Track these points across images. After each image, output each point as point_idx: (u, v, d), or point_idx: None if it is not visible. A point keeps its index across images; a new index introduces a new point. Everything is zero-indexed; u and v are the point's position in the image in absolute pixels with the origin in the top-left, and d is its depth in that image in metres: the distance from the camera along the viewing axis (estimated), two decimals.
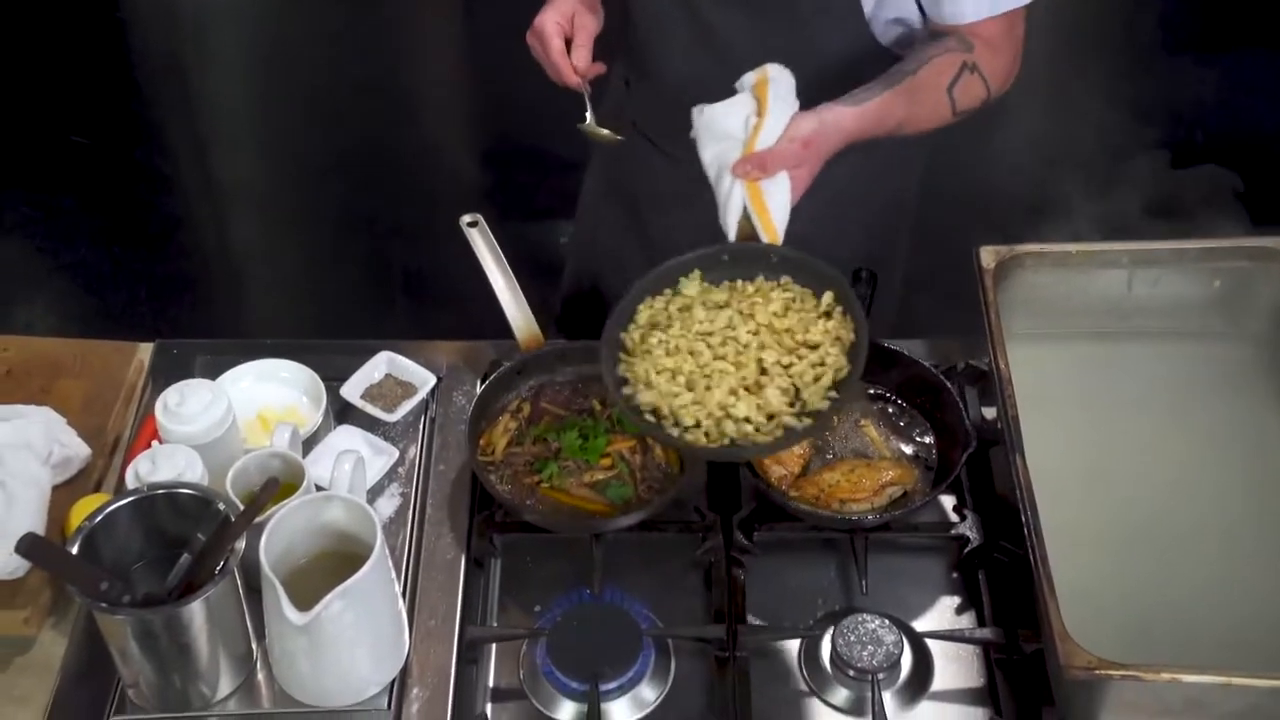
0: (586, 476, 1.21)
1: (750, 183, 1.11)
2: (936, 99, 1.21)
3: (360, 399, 1.29)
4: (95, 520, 0.94)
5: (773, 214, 1.11)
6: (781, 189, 1.12)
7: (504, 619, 1.15)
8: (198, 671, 0.99)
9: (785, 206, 1.12)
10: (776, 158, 1.11)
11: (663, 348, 1.10)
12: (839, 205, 1.40)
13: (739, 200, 1.12)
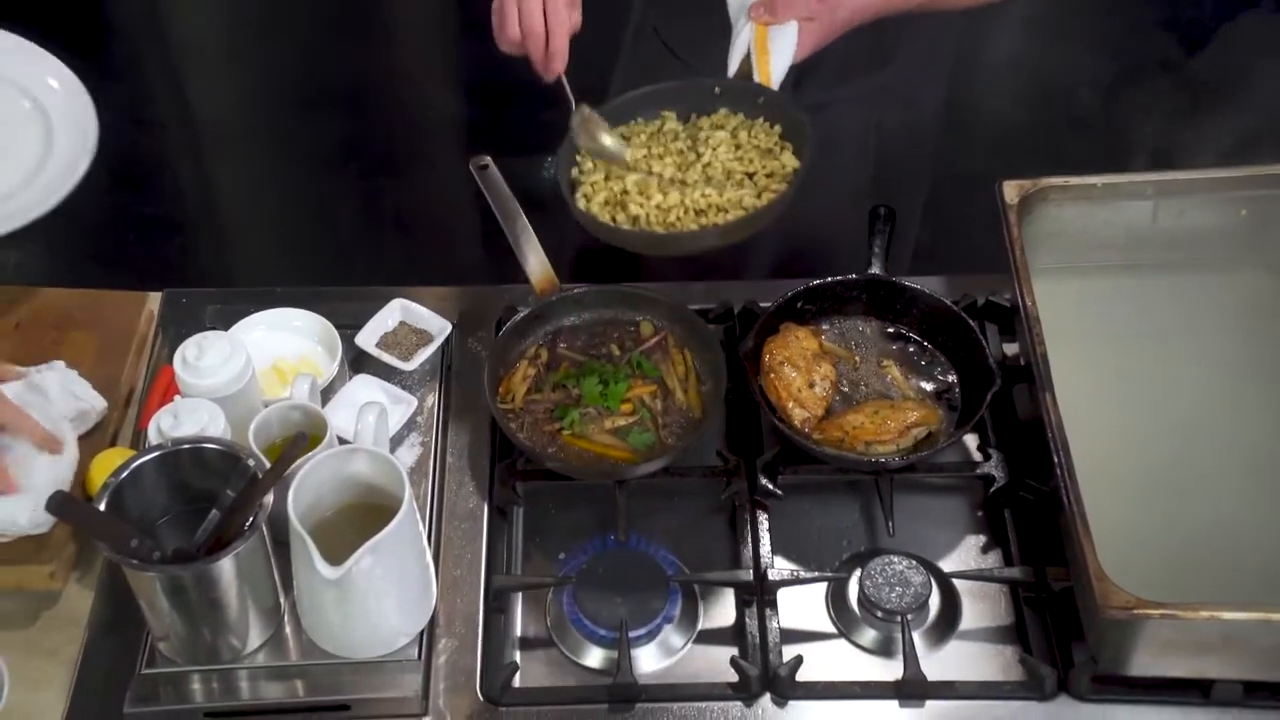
0: (608, 423, 1.21)
1: (760, 25, 1.15)
2: None
3: (375, 347, 1.28)
4: (121, 476, 0.94)
5: (772, 58, 1.15)
6: (788, 37, 1.15)
7: (529, 567, 1.16)
8: (227, 625, 0.99)
9: (787, 55, 1.16)
10: (787, 4, 1.14)
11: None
12: (863, 130, 1.39)
13: (745, 40, 1.16)
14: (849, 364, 1.26)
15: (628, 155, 1.20)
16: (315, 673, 1.03)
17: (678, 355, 1.28)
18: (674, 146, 1.22)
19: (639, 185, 1.18)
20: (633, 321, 1.31)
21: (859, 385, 1.25)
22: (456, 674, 1.05)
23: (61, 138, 1.22)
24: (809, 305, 1.29)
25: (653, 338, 1.29)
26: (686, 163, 1.20)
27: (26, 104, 1.25)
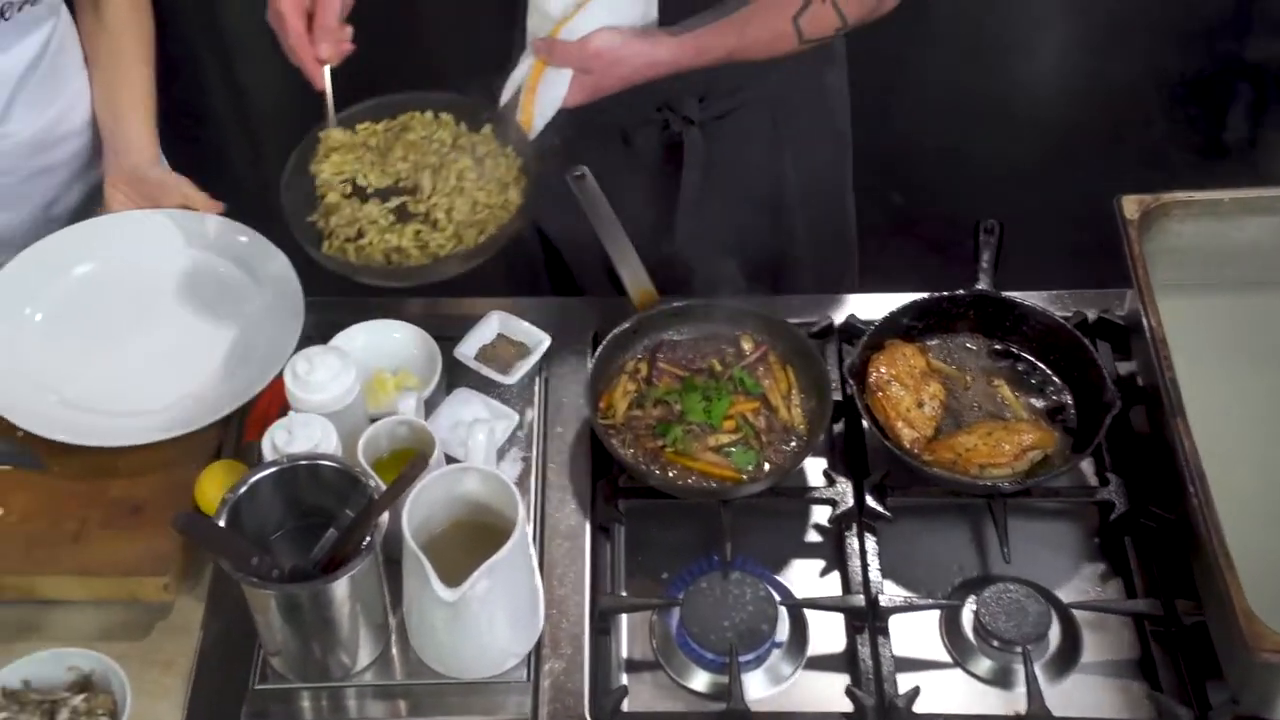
0: (711, 440, 1.20)
1: (538, 63, 1.16)
2: (778, 29, 1.20)
3: (474, 360, 1.28)
4: (239, 491, 0.95)
5: (537, 101, 1.16)
6: (558, 83, 1.16)
7: (632, 587, 1.15)
8: (339, 642, 1.00)
9: (554, 101, 1.16)
10: (562, 52, 1.15)
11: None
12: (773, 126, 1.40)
13: (522, 72, 1.18)
14: (958, 383, 1.23)
15: (394, 155, 1.19)
16: (424, 692, 1.03)
17: (780, 371, 1.26)
18: (431, 160, 1.19)
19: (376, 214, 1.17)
20: (733, 336, 1.29)
21: (968, 405, 1.22)
22: (564, 696, 1.05)
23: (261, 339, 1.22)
24: (915, 321, 1.27)
25: (754, 353, 1.27)
26: (438, 179, 1.18)
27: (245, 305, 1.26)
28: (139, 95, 1.35)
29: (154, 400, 1.18)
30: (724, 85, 1.32)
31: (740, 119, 1.39)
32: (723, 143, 1.39)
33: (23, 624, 1.04)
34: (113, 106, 1.34)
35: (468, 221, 1.16)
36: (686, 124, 1.37)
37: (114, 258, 1.28)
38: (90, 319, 1.24)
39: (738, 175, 1.43)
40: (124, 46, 1.35)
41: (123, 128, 1.34)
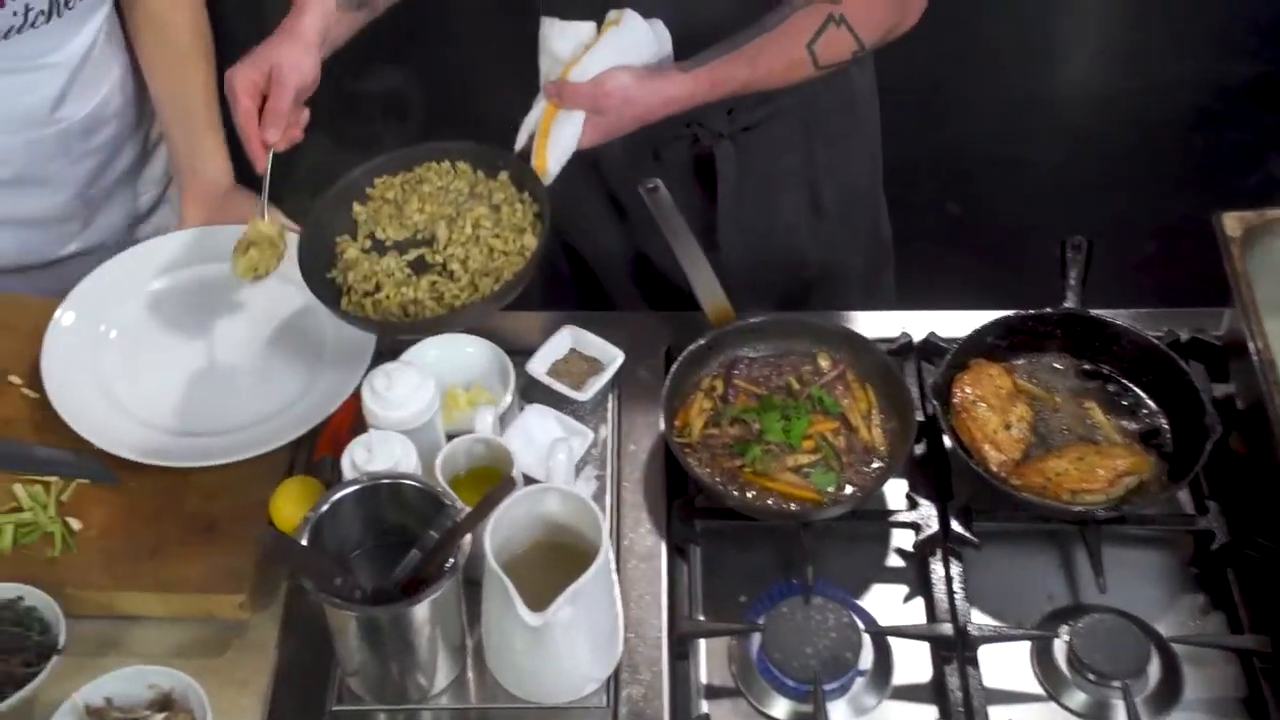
0: (790, 460, 1.17)
1: (550, 106, 1.15)
2: (792, 57, 1.19)
3: (546, 375, 1.26)
4: (321, 510, 0.93)
5: (551, 144, 1.15)
6: (572, 125, 1.14)
7: (709, 609, 1.13)
8: (417, 664, 0.98)
9: (568, 143, 1.15)
10: (573, 93, 1.13)
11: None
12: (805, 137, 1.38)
13: (535, 117, 1.16)
14: (1046, 404, 1.20)
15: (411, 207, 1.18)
16: (502, 716, 1.02)
17: (859, 390, 1.23)
18: (448, 211, 1.18)
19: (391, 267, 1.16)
20: (810, 353, 1.27)
21: (1057, 428, 1.18)
22: None
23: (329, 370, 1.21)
24: (999, 340, 1.23)
25: (832, 371, 1.25)
26: (454, 229, 1.16)
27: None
28: (209, 106, 1.35)
29: (228, 419, 1.18)
30: (752, 96, 1.29)
31: (771, 128, 1.37)
32: (754, 153, 1.38)
33: (102, 640, 1.04)
34: (184, 120, 1.34)
35: (483, 270, 1.15)
36: (716, 138, 1.35)
37: (188, 274, 1.28)
38: (164, 336, 1.25)
39: (772, 184, 1.41)
40: (176, 40, 1.34)
41: (197, 144, 1.34)
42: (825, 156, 1.42)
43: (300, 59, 1.15)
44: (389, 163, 1.22)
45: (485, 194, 1.19)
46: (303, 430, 1.15)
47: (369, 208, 1.20)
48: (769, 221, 1.43)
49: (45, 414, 1.16)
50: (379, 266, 1.15)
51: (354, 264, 1.15)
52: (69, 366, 1.19)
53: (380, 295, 1.13)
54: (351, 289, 1.15)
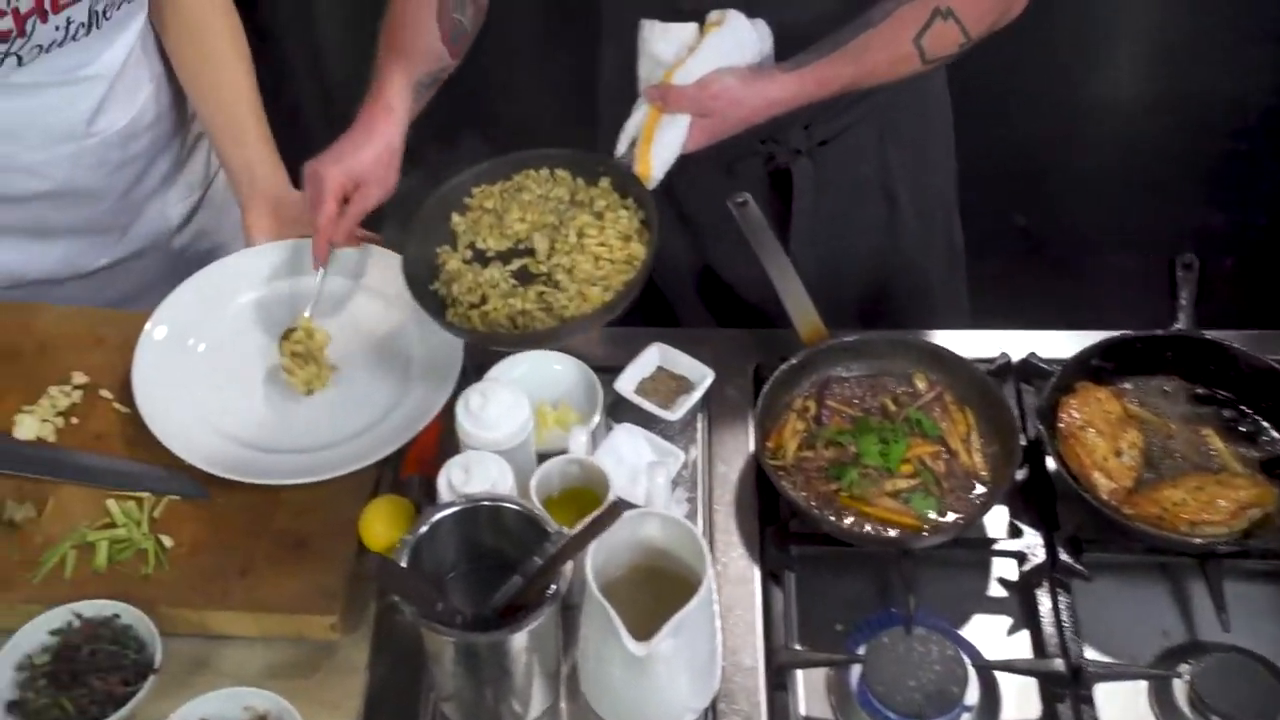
0: (888, 484, 1.14)
1: (653, 109, 1.13)
2: (898, 52, 1.17)
3: (635, 394, 1.24)
4: (420, 531, 0.92)
5: (654, 148, 1.13)
6: (676, 129, 1.13)
7: (805, 638, 1.10)
8: (513, 691, 0.97)
9: (673, 147, 1.13)
10: (678, 97, 1.12)
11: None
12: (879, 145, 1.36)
13: (637, 122, 1.14)
14: (1158, 430, 1.15)
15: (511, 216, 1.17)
16: None
17: (957, 412, 1.19)
18: (549, 219, 1.16)
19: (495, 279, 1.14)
20: (905, 374, 1.23)
21: (1169, 455, 1.14)
22: None
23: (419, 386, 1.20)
24: (1104, 362, 1.19)
25: (929, 392, 1.21)
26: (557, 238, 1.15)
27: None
28: (257, 117, 1.35)
29: (316, 436, 1.17)
30: (830, 109, 1.28)
31: (846, 141, 1.35)
32: (831, 165, 1.35)
33: (193, 659, 1.03)
34: (235, 135, 1.34)
35: (590, 279, 1.13)
36: (793, 154, 1.33)
37: (274, 288, 1.28)
38: (250, 351, 1.24)
39: (848, 196, 1.39)
40: (215, 48, 1.34)
41: (252, 156, 1.34)
42: (900, 164, 1.40)
43: (386, 174, 1.19)
44: (487, 172, 1.20)
45: (587, 201, 1.17)
46: (393, 448, 1.14)
47: (468, 218, 1.19)
48: (844, 234, 1.40)
49: (136, 429, 1.16)
50: (483, 278, 1.13)
51: (457, 276, 1.14)
52: (159, 381, 1.19)
53: (487, 307, 1.11)
54: (456, 301, 1.13)
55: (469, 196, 1.20)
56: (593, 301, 1.10)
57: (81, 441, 1.16)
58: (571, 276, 1.12)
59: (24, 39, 1.18)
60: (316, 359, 1.20)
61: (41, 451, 1.13)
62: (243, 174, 1.33)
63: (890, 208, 1.42)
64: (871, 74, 1.17)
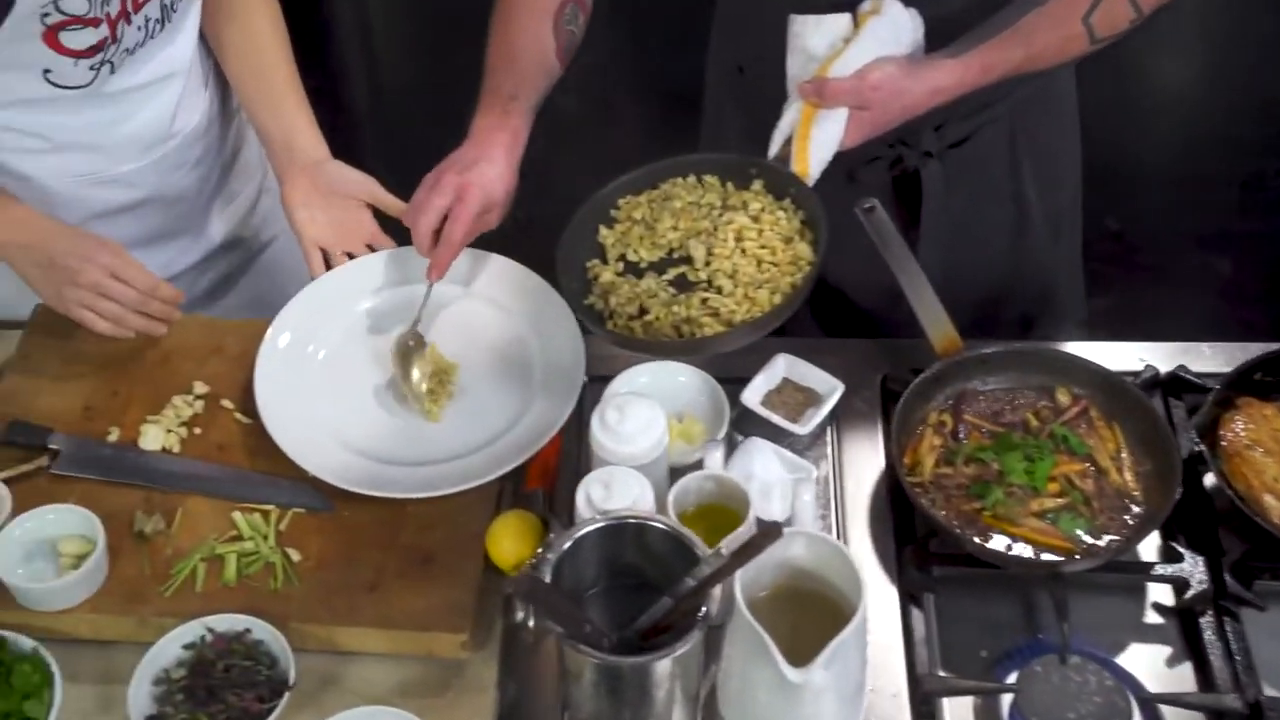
0: (1034, 504, 1.09)
1: (808, 106, 1.09)
2: (1067, 32, 1.12)
3: (761, 407, 1.21)
4: (564, 547, 0.90)
5: (812, 145, 1.09)
6: (834, 124, 1.09)
7: (947, 664, 1.05)
8: (653, 715, 0.94)
9: (830, 143, 1.10)
10: (836, 90, 1.08)
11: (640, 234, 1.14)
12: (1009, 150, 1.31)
13: (790, 119, 1.11)
14: None
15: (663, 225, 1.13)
16: None
17: (1105, 428, 1.14)
18: (703, 225, 1.12)
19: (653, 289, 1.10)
20: (1047, 387, 1.18)
21: None
22: None
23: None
24: (1268, 376, 1.13)
25: (1072, 407, 1.16)
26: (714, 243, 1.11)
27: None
28: (294, 85, 1.33)
29: (439, 449, 1.15)
30: (964, 109, 1.23)
31: (978, 143, 1.30)
32: (961, 169, 1.31)
33: (323, 676, 1.02)
34: (273, 104, 1.32)
35: (755, 282, 1.08)
36: (923, 157, 1.28)
37: (394, 296, 1.26)
38: (368, 360, 1.23)
39: (977, 202, 1.34)
40: (254, 24, 1.33)
41: (289, 124, 1.31)
42: (1031, 168, 1.35)
43: (507, 200, 1.18)
44: (632, 182, 1.17)
45: (740, 205, 1.13)
46: (520, 460, 1.12)
47: (616, 230, 1.15)
48: (970, 241, 1.36)
49: (258, 439, 1.15)
50: (640, 288, 1.10)
51: (613, 288, 1.10)
52: (280, 390, 1.18)
53: (649, 317, 1.08)
54: (615, 313, 1.10)
55: (615, 209, 1.17)
56: (761, 305, 1.06)
57: (205, 452, 1.16)
58: (734, 281, 1.08)
59: (116, 44, 1.18)
60: (445, 385, 1.19)
61: (169, 463, 1.13)
62: (281, 146, 1.31)
63: (1019, 214, 1.38)
64: (1039, 56, 1.12)
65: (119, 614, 1.02)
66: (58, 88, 1.17)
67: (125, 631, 1.02)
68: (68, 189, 1.26)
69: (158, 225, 1.35)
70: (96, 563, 1.01)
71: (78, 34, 1.13)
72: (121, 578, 1.04)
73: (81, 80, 1.18)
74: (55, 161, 1.24)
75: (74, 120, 1.21)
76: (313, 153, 1.31)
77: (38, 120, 1.20)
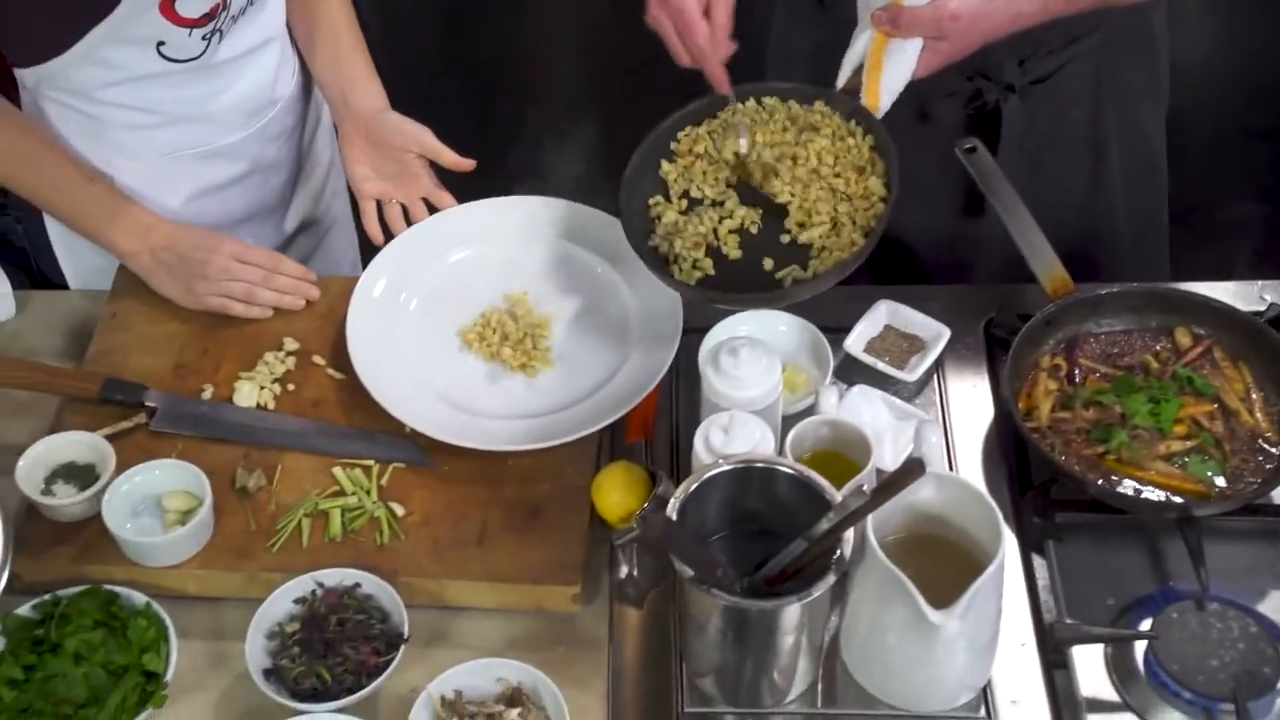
0: (1161, 447, 1.06)
1: (879, 35, 1.05)
2: None
3: (865, 354, 1.18)
4: (690, 489, 0.88)
5: (884, 77, 1.06)
6: (907, 55, 1.05)
7: (1073, 613, 1.02)
8: (779, 665, 0.93)
9: (903, 75, 1.06)
10: (913, 19, 1.03)
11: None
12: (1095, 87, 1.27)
13: (860, 49, 1.07)
14: None
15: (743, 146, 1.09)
16: None
17: (1231, 369, 1.11)
18: (781, 137, 1.09)
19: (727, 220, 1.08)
20: (1165, 327, 1.15)
21: None
22: None
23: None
24: None
25: (1194, 347, 1.13)
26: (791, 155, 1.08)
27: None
28: (352, 30, 1.32)
29: (539, 402, 1.14)
30: (1052, 40, 1.19)
31: (1060, 81, 1.26)
32: (1040, 108, 1.27)
33: (433, 631, 1.01)
34: (331, 51, 1.31)
35: (829, 216, 1.05)
36: (1004, 91, 1.24)
37: (487, 246, 1.25)
38: (464, 311, 1.21)
39: (1054, 147, 1.30)
40: None
41: (347, 72, 1.30)
42: (1114, 112, 1.31)
43: None
44: (692, 113, 1.14)
45: (812, 125, 1.09)
46: (622, 411, 1.10)
47: (678, 165, 1.13)
48: (1043, 186, 1.31)
49: (352, 395, 1.14)
50: (702, 228, 1.08)
51: (677, 229, 1.09)
52: (373, 341, 1.17)
53: (720, 252, 1.06)
54: (679, 258, 1.08)
55: (675, 141, 1.15)
56: (844, 242, 1.03)
57: (300, 408, 1.15)
58: (810, 210, 1.05)
59: (225, 11, 1.19)
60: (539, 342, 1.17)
61: (266, 419, 1.13)
62: (336, 94, 1.30)
63: (1097, 161, 1.34)
64: None
65: (227, 569, 1.02)
66: (170, 61, 1.18)
67: (233, 587, 1.02)
68: (175, 165, 1.27)
69: (255, 201, 1.36)
70: (205, 518, 1.01)
71: (192, 2, 1.14)
72: (227, 533, 1.04)
73: (194, 51, 1.19)
74: (165, 136, 1.25)
75: (183, 93, 1.22)
76: (369, 103, 1.29)
77: (149, 95, 1.21)
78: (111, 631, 0.92)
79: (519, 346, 1.17)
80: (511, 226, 1.24)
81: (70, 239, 1.30)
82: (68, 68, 1.17)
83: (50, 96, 1.21)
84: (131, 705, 0.90)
